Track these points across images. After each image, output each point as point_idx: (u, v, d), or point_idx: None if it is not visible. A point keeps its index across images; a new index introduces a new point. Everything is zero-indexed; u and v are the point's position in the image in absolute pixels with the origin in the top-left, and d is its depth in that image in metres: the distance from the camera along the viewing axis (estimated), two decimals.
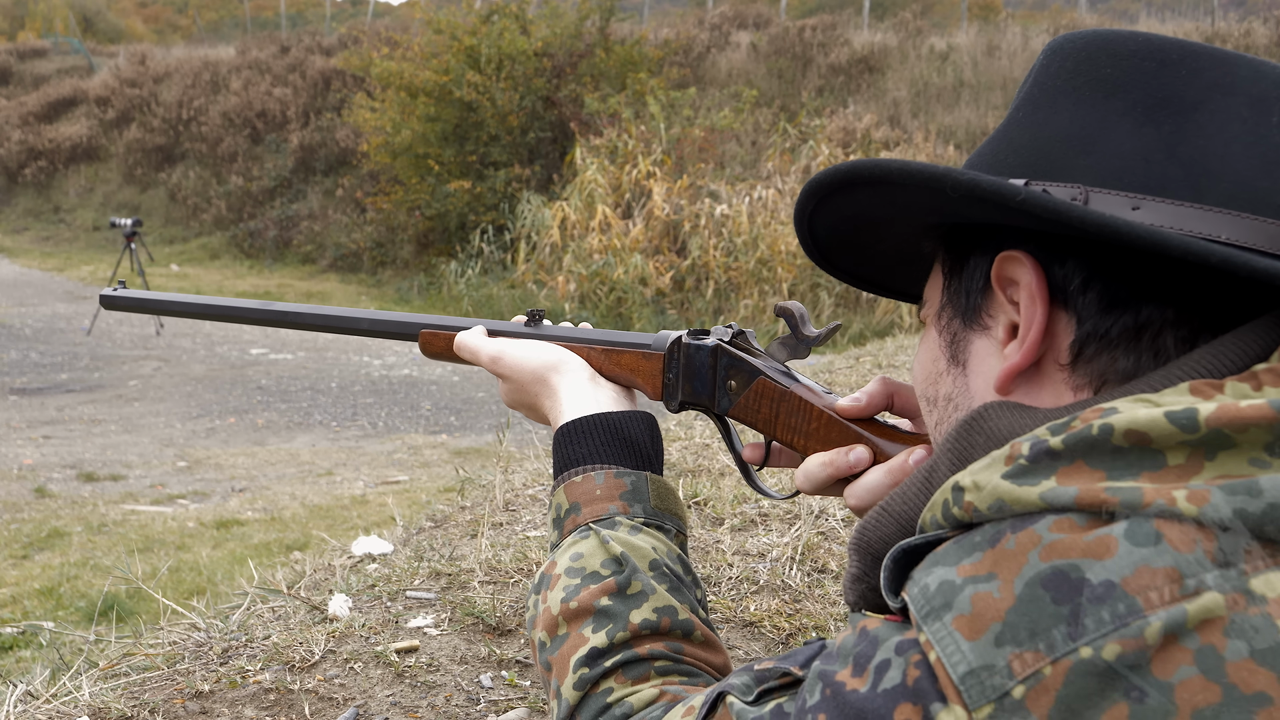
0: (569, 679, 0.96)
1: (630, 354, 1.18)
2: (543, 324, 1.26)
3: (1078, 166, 0.76)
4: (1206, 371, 0.69)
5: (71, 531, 5.31)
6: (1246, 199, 0.73)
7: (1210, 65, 0.75)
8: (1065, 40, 0.81)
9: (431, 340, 1.31)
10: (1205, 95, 0.75)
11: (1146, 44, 0.77)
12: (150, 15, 46.65)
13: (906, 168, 0.77)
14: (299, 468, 6.77)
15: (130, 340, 11.38)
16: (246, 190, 19.31)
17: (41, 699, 1.65)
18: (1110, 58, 0.77)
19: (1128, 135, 0.75)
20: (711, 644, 1.00)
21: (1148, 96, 0.75)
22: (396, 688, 1.67)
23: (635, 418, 1.14)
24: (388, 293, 14.83)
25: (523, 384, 1.21)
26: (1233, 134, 0.74)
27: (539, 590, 1.04)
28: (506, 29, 14.86)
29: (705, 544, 2.29)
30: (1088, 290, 0.74)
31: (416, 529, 2.68)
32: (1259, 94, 0.75)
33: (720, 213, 11.80)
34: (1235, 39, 14.55)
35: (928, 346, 0.88)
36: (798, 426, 1.09)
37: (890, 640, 0.65)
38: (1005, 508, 0.63)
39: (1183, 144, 0.74)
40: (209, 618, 2.00)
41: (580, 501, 1.08)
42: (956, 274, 0.84)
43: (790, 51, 17.06)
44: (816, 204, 0.87)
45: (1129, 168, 0.74)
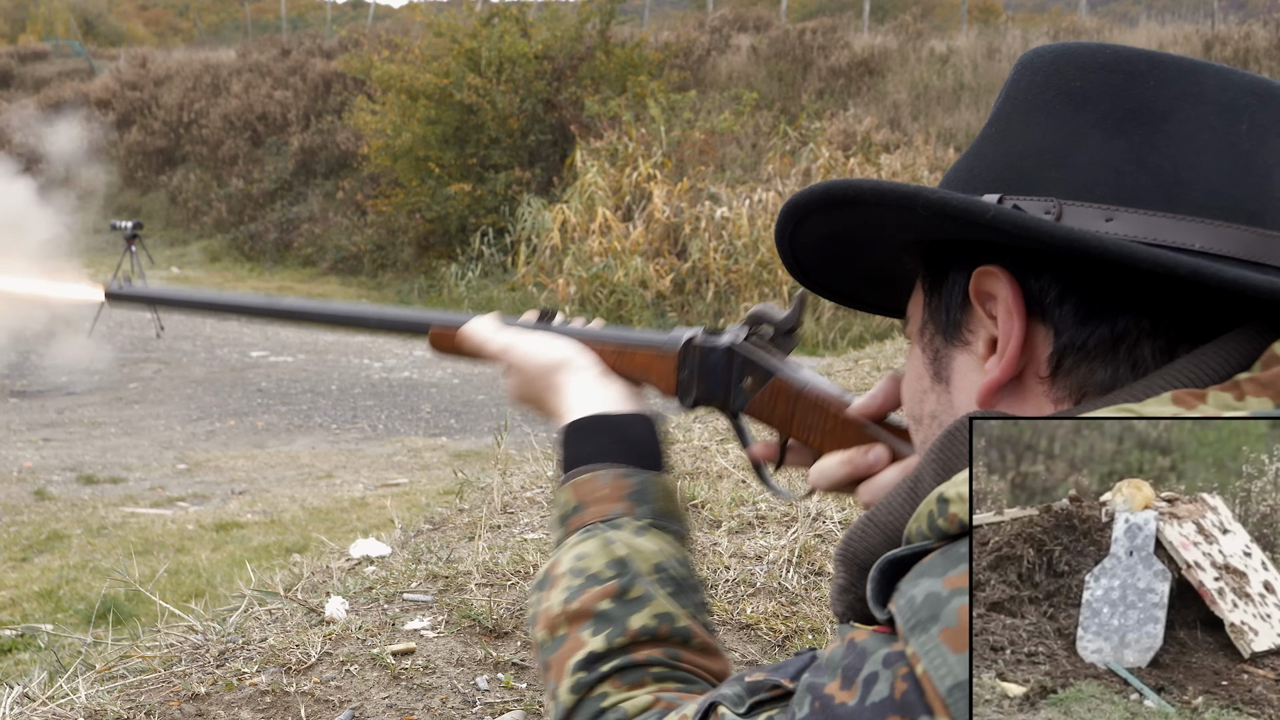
0: (565, 682, 0.96)
1: (644, 353, 1.18)
2: (554, 322, 1.25)
3: (1051, 179, 0.76)
4: (1189, 381, 0.70)
5: (71, 534, 5.33)
6: (1219, 206, 0.74)
7: (1178, 75, 0.76)
8: (1035, 54, 0.82)
9: (441, 337, 1.30)
10: (1174, 105, 0.75)
11: (1114, 56, 0.77)
12: (151, 18, 46.68)
13: (878, 188, 0.78)
14: (299, 470, 6.78)
15: (130, 343, 11.39)
16: (247, 193, 19.32)
17: (38, 701, 1.66)
18: (1079, 70, 0.78)
19: (1099, 147, 0.76)
20: (710, 650, 1.00)
21: (1117, 108, 0.76)
22: (393, 690, 1.68)
23: (643, 419, 1.13)
24: (388, 295, 14.84)
25: (531, 378, 1.20)
26: (1203, 142, 0.74)
27: (541, 588, 1.03)
28: (507, 32, 14.88)
29: (703, 547, 2.31)
30: (1064, 303, 0.75)
31: (415, 531, 2.69)
32: (1227, 102, 0.75)
33: (720, 215, 11.81)
34: (1235, 42, 14.54)
35: (913, 365, 0.89)
36: (814, 425, 1.10)
37: (878, 653, 0.65)
38: None
39: (1153, 154, 0.75)
40: (206, 620, 2.01)
41: (586, 500, 1.08)
42: (936, 290, 0.84)
43: (790, 54, 17.07)
44: (795, 226, 0.88)
45: (1101, 179, 0.75)
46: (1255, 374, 0.69)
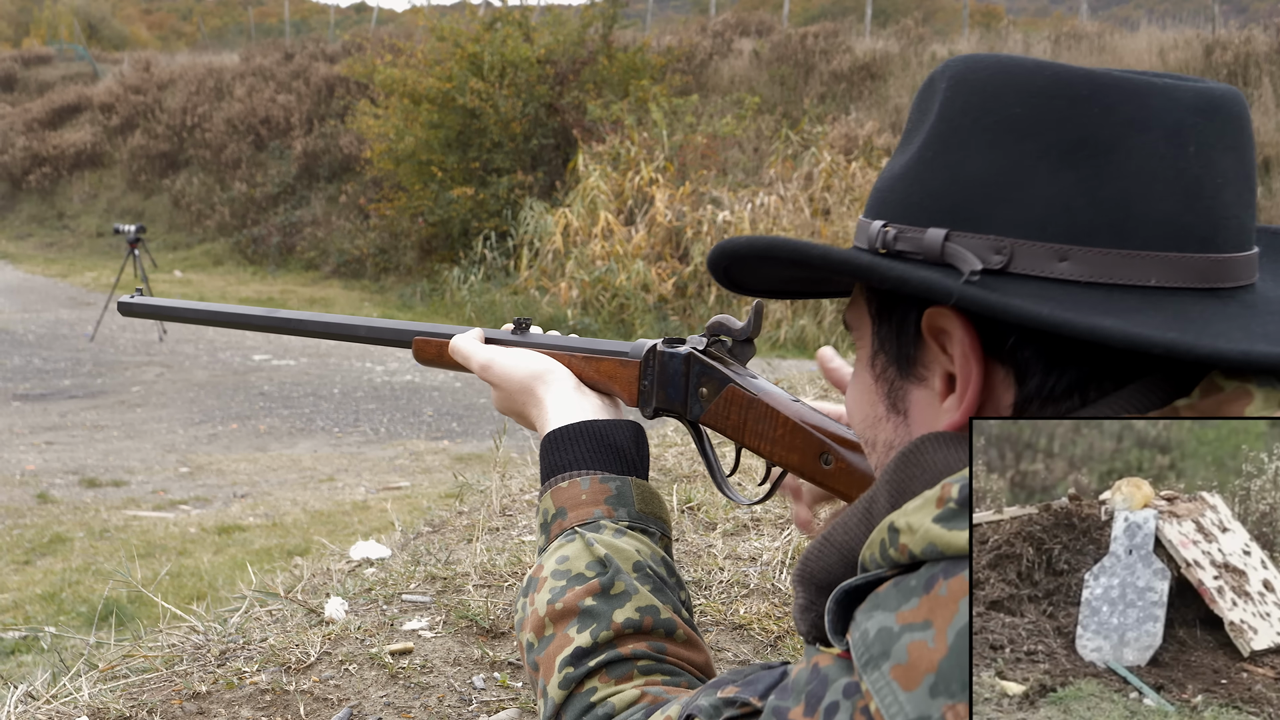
0: (554, 678, 0.98)
1: (608, 361, 1.21)
2: (530, 332, 1.28)
3: (998, 216, 0.74)
4: (1132, 409, 0.71)
5: (73, 537, 5.33)
6: (1172, 237, 0.73)
7: (1121, 99, 0.73)
8: (967, 69, 0.79)
9: (424, 347, 1.34)
10: (1120, 133, 0.73)
11: (1054, 79, 0.74)
12: (155, 22, 46.79)
13: (827, 256, 0.77)
14: (301, 473, 6.78)
15: (133, 346, 11.40)
16: (250, 196, 19.35)
17: (41, 700, 1.66)
18: (1018, 95, 0.75)
19: (1045, 181, 0.74)
20: (693, 643, 1.03)
21: (1062, 139, 0.73)
22: (390, 689, 1.69)
23: (620, 425, 1.16)
24: (390, 299, 14.85)
25: (511, 393, 1.24)
26: (1152, 172, 0.73)
27: (527, 593, 1.06)
28: (510, 36, 14.91)
29: (698, 548, 2.31)
30: (1024, 348, 0.74)
31: (414, 534, 2.70)
32: (1174, 124, 0.73)
33: (722, 219, 11.82)
34: (1236, 46, 14.55)
35: (863, 388, 0.88)
36: (764, 433, 1.12)
37: (839, 682, 0.67)
38: (938, 551, 0.64)
39: (1103, 188, 0.73)
40: (208, 621, 2.01)
41: (566, 506, 1.11)
42: (885, 319, 0.83)
43: (793, 58, 17.09)
44: (729, 263, 0.88)
45: (1051, 217, 0.73)
46: (1194, 400, 0.70)
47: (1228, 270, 0.74)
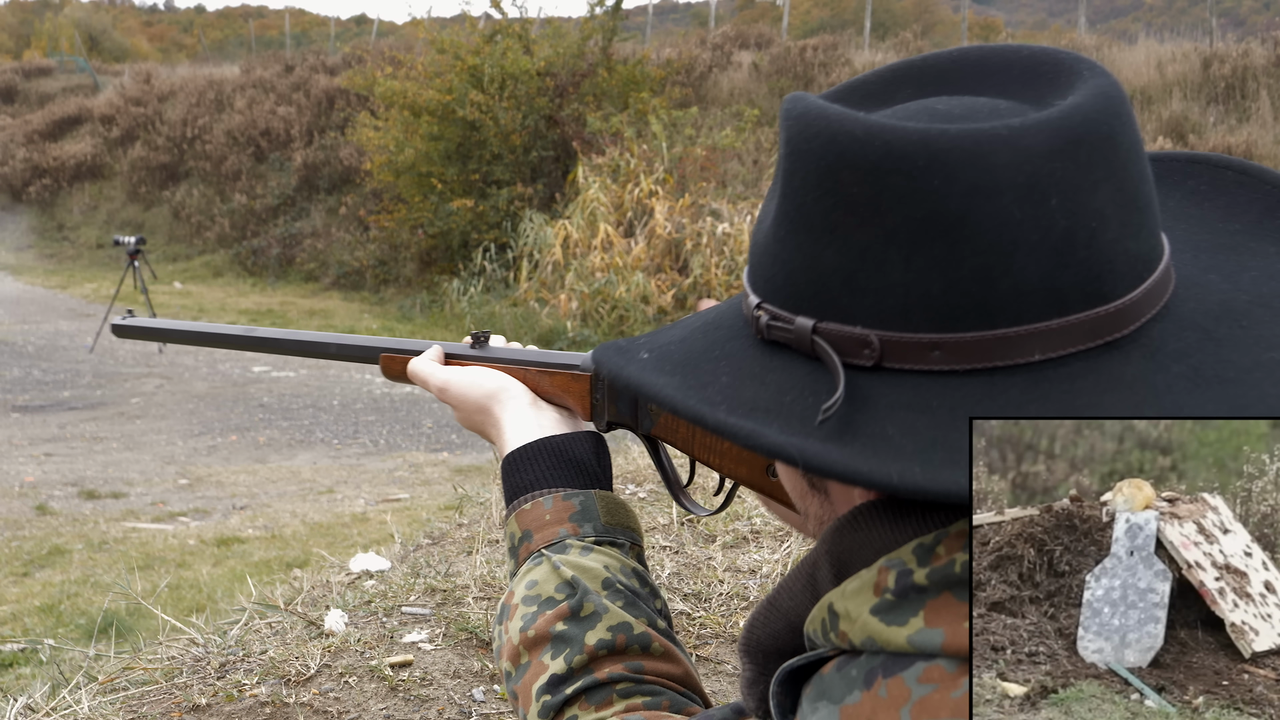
0: (533, 707, 0.97)
1: (561, 375, 1.19)
2: (489, 345, 1.26)
3: (860, 307, 0.69)
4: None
5: (72, 549, 5.32)
6: (1051, 303, 0.66)
7: (962, 163, 0.65)
8: (801, 136, 0.71)
9: (389, 363, 1.31)
10: (966, 205, 0.65)
11: (886, 152, 0.66)
12: (155, 34, 46.94)
13: (736, 432, 0.69)
14: (300, 485, 6.77)
15: (133, 358, 11.40)
16: (250, 208, 19.38)
17: (41, 712, 1.66)
18: (854, 174, 0.67)
19: (899, 268, 0.67)
20: (670, 655, 1.01)
21: (907, 219, 0.66)
22: (390, 701, 1.68)
23: (579, 437, 1.14)
24: (390, 311, 14.86)
25: (469, 413, 1.22)
26: (1011, 240, 0.65)
27: (501, 621, 1.05)
28: (510, 49, 14.94)
29: (697, 561, 2.31)
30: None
31: (414, 546, 2.69)
32: (1026, 180, 0.65)
33: (722, 231, 11.83)
34: (1234, 59, 14.59)
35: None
36: (713, 445, 1.11)
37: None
38: (877, 645, 0.63)
39: (958, 269, 0.66)
40: (207, 633, 2.01)
41: (532, 528, 1.09)
42: None
43: (792, 71, 17.14)
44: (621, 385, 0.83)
45: (912, 306, 0.67)
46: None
47: (1122, 318, 0.68)
